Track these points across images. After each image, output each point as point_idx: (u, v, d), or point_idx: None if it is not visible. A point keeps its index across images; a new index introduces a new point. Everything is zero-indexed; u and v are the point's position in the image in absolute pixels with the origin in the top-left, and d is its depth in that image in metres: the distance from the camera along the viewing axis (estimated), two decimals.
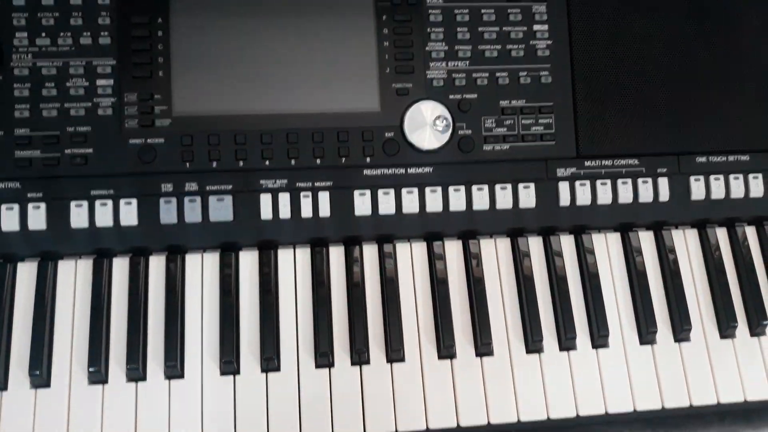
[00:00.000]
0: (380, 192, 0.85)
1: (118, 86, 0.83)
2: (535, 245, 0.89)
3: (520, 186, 0.87)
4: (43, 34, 0.83)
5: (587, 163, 0.89)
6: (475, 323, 0.84)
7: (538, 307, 0.85)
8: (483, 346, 0.83)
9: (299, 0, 0.86)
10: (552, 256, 0.88)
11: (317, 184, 0.85)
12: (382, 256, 0.86)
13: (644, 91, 0.90)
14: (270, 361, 0.80)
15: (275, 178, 0.85)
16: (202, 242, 0.84)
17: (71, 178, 0.82)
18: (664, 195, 0.89)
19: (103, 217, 0.82)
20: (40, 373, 0.78)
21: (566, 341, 0.85)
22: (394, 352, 0.82)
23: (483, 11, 0.89)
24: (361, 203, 0.85)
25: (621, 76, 0.90)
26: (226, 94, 0.85)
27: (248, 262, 0.85)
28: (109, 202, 0.82)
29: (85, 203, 0.82)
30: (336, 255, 0.87)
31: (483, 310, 0.84)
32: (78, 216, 0.82)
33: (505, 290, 0.87)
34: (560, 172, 0.88)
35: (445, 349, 0.83)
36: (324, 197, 0.85)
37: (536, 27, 0.90)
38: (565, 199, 0.88)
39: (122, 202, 0.82)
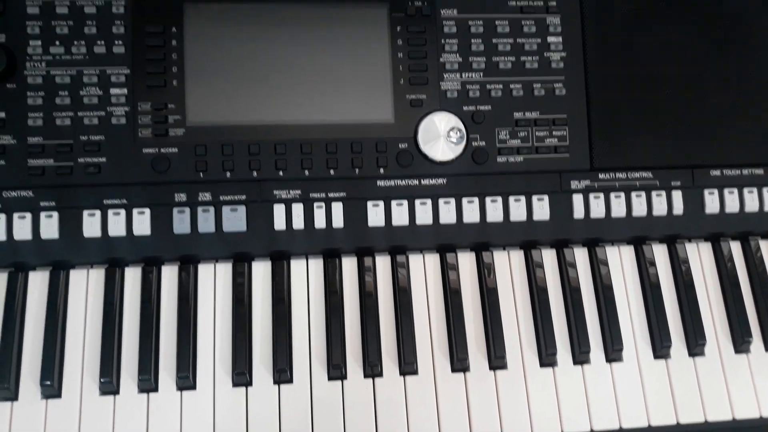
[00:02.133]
0: (394, 203, 0.85)
1: (132, 95, 0.83)
2: (548, 257, 0.89)
3: (534, 198, 0.87)
4: (57, 43, 0.83)
5: (601, 176, 0.88)
6: (489, 336, 0.83)
7: (552, 319, 0.85)
8: (497, 359, 0.82)
9: (313, 10, 0.86)
10: (566, 268, 0.88)
11: (331, 194, 0.85)
12: (395, 267, 0.86)
13: (658, 104, 0.90)
14: (283, 372, 0.80)
15: (289, 189, 0.84)
16: (215, 252, 0.84)
17: (84, 187, 0.82)
18: (678, 208, 0.89)
19: (116, 226, 0.82)
20: (51, 384, 0.77)
21: (580, 355, 0.84)
22: (408, 365, 0.81)
23: (497, 23, 0.89)
24: (375, 214, 0.85)
25: (635, 88, 0.90)
26: (240, 103, 0.84)
27: (261, 272, 0.85)
28: (122, 212, 0.82)
29: (98, 212, 0.82)
30: (349, 266, 0.86)
31: (497, 323, 0.84)
32: (91, 225, 0.81)
33: (518, 302, 0.86)
34: (574, 184, 0.88)
35: (459, 362, 0.82)
36: (337, 208, 0.84)
37: (550, 39, 0.89)
38: (579, 212, 0.88)
39: (135, 211, 0.82)
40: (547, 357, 0.84)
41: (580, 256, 0.89)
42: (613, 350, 0.84)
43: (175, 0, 0.84)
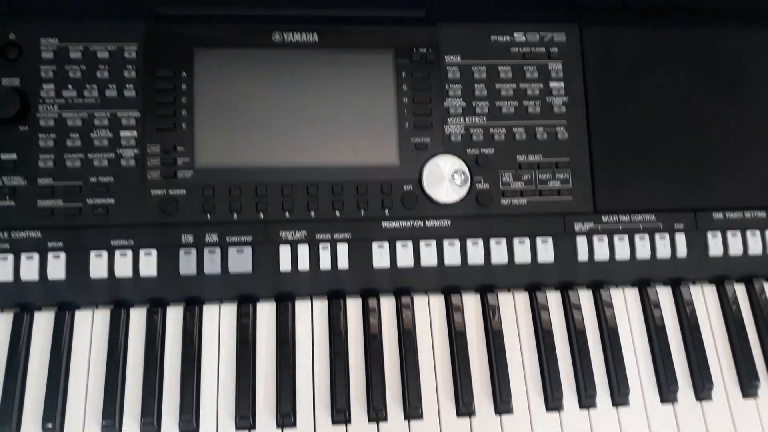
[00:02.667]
0: (399, 244, 0.86)
1: (141, 138, 0.84)
2: (553, 300, 0.89)
3: (538, 240, 0.87)
4: (70, 86, 0.85)
5: (605, 218, 0.89)
6: (495, 380, 0.83)
7: (557, 363, 0.84)
8: (502, 404, 0.82)
9: (320, 56, 0.88)
10: (571, 311, 0.88)
11: (336, 236, 0.85)
12: (399, 309, 0.86)
13: (660, 147, 0.91)
14: (286, 416, 0.79)
15: (295, 230, 0.85)
16: (221, 294, 0.84)
17: (92, 228, 0.83)
18: (682, 251, 0.89)
19: (123, 267, 0.82)
20: (53, 426, 0.77)
21: (586, 399, 0.83)
22: (413, 409, 0.81)
23: (500, 68, 0.91)
24: (380, 255, 0.85)
25: (637, 131, 0.91)
26: (248, 146, 0.86)
27: (266, 313, 0.85)
28: (129, 253, 0.82)
29: (104, 253, 0.82)
30: (354, 307, 0.86)
31: (502, 367, 0.83)
32: (97, 266, 0.82)
33: (524, 345, 0.86)
34: (578, 227, 0.89)
35: (464, 406, 0.81)
36: (343, 249, 0.85)
37: (552, 84, 0.91)
38: (583, 254, 0.88)
39: (142, 252, 0.82)
40: (553, 401, 0.83)
41: (585, 298, 0.89)
42: (620, 394, 0.84)
43: (185, 45, 0.87)
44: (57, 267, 0.82)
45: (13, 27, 0.85)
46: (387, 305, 0.87)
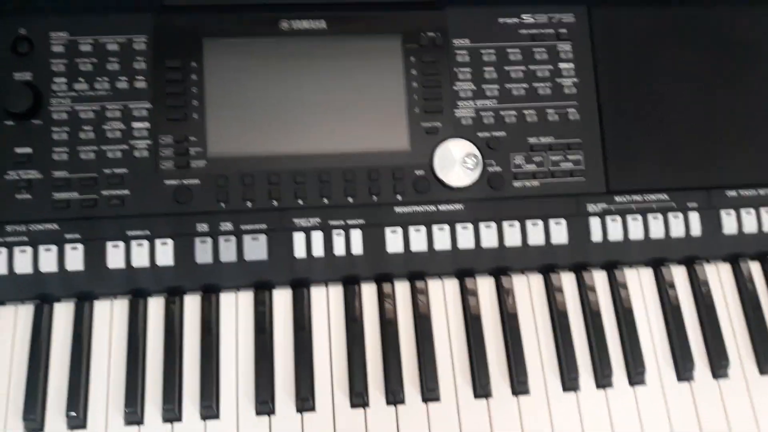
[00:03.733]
0: (411, 229, 0.86)
1: (153, 128, 0.85)
2: (567, 281, 0.89)
3: (551, 222, 0.87)
4: (81, 79, 0.85)
5: (618, 199, 0.89)
6: (511, 361, 0.83)
7: (573, 343, 0.84)
8: (519, 384, 0.82)
9: (329, 43, 0.88)
10: (585, 291, 0.88)
11: (349, 222, 0.86)
12: (414, 293, 0.86)
13: (671, 126, 0.91)
14: (305, 401, 0.80)
15: (308, 217, 0.86)
16: (237, 281, 0.85)
17: (108, 219, 0.83)
18: (696, 229, 0.89)
19: (140, 257, 0.83)
20: (77, 414, 0.78)
21: (603, 378, 0.84)
22: (429, 391, 0.81)
23: (508, 50, 0.90)
24: (393, 240, 0.86)
25: (647, 111, 0.91)
26: (260, 135, 0.86)
27: (282, 300, 0.85)
28: (146, 243, 0.83)
29: (121, 244, 0.83)
30: (368, 292, 0.87)
31: (518, 348, 0.84)
32: (114, 256, 0.83)
33: (539, 326, 0.86)
34: (591, 207, 0.89)
35: (481, 388, 0.82)
36: (356, 235, 0.85)
37: (561, 65, 0.91)
38: (597, 235, 0.88)
39: (158, 242, 0.83)
40: (569, 381, 0.83)
41: (599, 279, 0.89)
42: (636, 373, 0.84)
43: (194, 35, 0.87)
44: (75, 258, 0.82)
45: (23, 22, 0.86)
46: (402, 290, 0.87)
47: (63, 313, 0.83)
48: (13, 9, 0.86)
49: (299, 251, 0.85)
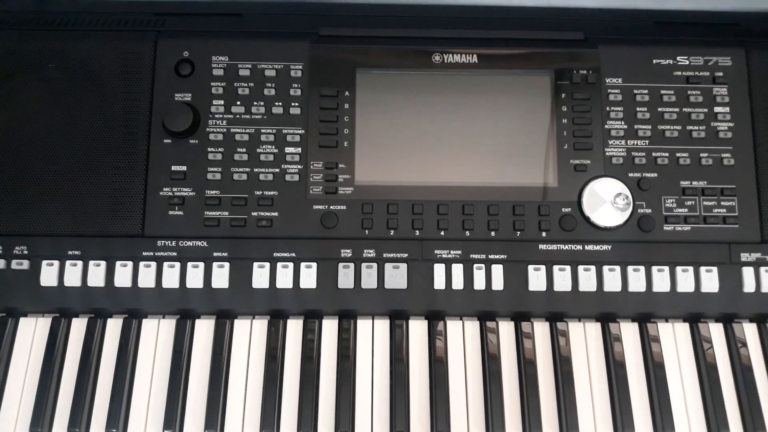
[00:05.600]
0: (555, 268, 0.84)
1: (305, 154, 0.87)
2: (716, 332, 0.85)
3: (702, 269, 0.84)
4: (238, 102, 0.88)
5: None
6: (654, 405, 0.80)
7: (723, 398, 0.81)
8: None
9: (478, 78, 0.89)
10: (735, 344, 0.84)
11: (491, 256, 0.85)
12: (554, 334, 0.84)
13: None
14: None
15: (450, 249, 0.85)
16: (374, 308, 0.85)
17: (256, 239, 0.85)
18: None
19: (284, 279, 0.84)
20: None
21: None
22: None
23: (663, 92, 0.88)
24: (536, 278, 0.84)
25: None
26: (406, 165, 0.87)
27: (418, 331, 0.85)
28: (291, 265, 0.84)
29: (267, 265, 0.84)
30: (506, 330, 0.85)
31: (665, 400, 0.80)
32: (260, 276, 0.84)
33: (684, 376, 0.83)
34: (744, 257, 0.85)
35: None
36: (497, 270, 0.84)
37: (717, 109, 0.88)
38: (749, 286, 0.84)
39: (303, 265, 0.84)
40: None
41: (750, 332, 0.85)
42: None
43: (348, 66, 0.89)
44: (221, 276, 0.84)
45: (187, 45, 0.90)
46: (541, 330, 0.85)
47: (204, 330, 0.85)
48: (177, 32, 0.91)
49: (438, 282, 0.84)
